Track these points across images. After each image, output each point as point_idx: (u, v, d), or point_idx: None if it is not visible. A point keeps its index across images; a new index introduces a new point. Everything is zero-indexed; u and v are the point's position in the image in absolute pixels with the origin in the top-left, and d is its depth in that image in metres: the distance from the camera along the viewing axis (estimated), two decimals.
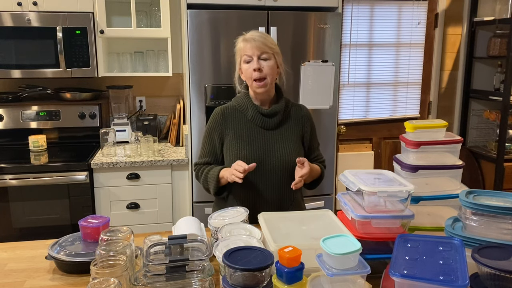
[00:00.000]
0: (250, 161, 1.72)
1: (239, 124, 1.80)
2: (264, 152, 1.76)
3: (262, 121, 1.78)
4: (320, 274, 1.10)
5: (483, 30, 3.50)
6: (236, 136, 1.78)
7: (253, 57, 1.71)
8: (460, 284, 0.95)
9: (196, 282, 1.08)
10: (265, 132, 1.78)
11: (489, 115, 3.48)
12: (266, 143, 1.77)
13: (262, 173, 1.75)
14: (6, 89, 3.10)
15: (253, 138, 1.77)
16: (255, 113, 1.78)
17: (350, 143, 3.51)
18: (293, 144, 1.79)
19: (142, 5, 3.03)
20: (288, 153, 1.76)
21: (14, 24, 2.71)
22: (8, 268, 1.37)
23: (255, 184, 1.76)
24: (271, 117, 1.78)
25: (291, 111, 1.85)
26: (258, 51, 1.71)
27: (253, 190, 1.76)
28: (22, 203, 2.57)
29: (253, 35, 1.74)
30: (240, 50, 1.76)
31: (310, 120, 1.88)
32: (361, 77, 3.44)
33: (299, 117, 1.85)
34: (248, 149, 1.75)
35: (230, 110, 1.83)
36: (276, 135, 1.79)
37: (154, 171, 2.71)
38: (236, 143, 1.77)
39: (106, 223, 1.43)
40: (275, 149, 1.76)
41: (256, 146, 1.76)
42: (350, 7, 3.30)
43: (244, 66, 1.75)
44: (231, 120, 1.81)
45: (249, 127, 1.79)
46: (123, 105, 3.16)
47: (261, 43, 1.71)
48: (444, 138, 1.53)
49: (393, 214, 1.29)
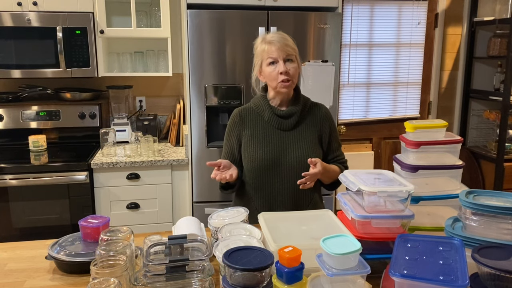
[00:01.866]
0: (265, 162, 1.75)
1: (256, 125, 1.81)
2: (280, 153, 1.77)
3: (278, 123, 1.79)
4: (320, 274, 1.10)
5: (483, 30, 3.50)
6: (252, 137, 1.79)
7: (279, 60, 1.70)
8: (460, 284, 0.95)
9: (196, 282, 1.08)
10: (281, 133, 1.79)
11: (489, 115, 3.48)
12: (282, 144, 1.78)
13: (278, 174, 1.76)
14: (6, 89, 3.10)
15: (269, 139, 1.78)
16: (271, 115, 1.79)
17: (350, 143, 3.51)
18: (309, 145, 1.79)
19: (142, 5, 3.03)
20: (304, 154, 1.76)
21: (14, 24, 2.71)
22: (8, 268, 1.37)
23: (271, 185, 1.77)
24: (287, 118, 1.79)
25: (309, 111, 1.85)
26: (283, 53, 1.70)
27: (269, 191, 1.78)
28: (22, 203, 2.57)
29: (275, 37, 1.73)
30: (263, 52, 1.74)
31: (329, 120, 1.87)
32: (361, 77, 3.44)
33: (317, 117, 1.85)
34: (263, 150, 1.76)
35: (247, 111, 1.84)
36: (292, 136, 1.79)
37: (154, 171, 2.71)
38: (252, 144, 1.79)
39: (106, 223, 1.43)
40: (291, 150, 1.77)
41: (272, 147, 1.77)
42: (350, 7, 3.30)
43: (267, 68, 1.73)
44: (248, 121, 1.82)
45: (265, 129, 1.80)
46: (123, 105, 3.16)
47: (285, 45, 1.71)
48: (444, 138, 1.52)
49: (393, 214, 1.29)
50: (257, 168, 1.77)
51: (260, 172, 1.77)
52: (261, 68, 1.77)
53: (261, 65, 1.76)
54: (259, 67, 1.78)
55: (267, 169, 1.76)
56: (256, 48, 1.79)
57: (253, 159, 1.77)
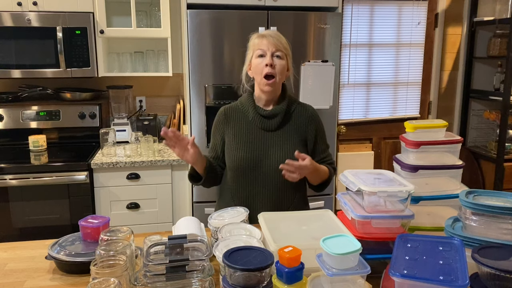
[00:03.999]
0: (247, 163, 1.73)
1: (240, 124, 1.79)
2: (262, 153, 1.75)
3: (262, 123, 1.77)
4: (320, 274, 1.10)
5: (483, 30, 3.50)
6: (235, 136, 1.78)
7: (267, 52, 1.70)
8: (460, 284, 0.95)
9: (196, 282, 1.08)
10: (265, 134, 1.77)
11: (489, 115, 3.48)
12: (264, 145, 1.76)
13: (260, 174, 1.75)
14: (6, 89, 3.10)
15: (252, 139, 1.76)
16: (255, 115, 1.77)
17: (350, 143, 3.51)
18: (293, 146, 1.77)
19: (142, 5, 3.03)
20: (286, 155, 1.73)
21: (14, 24, 2.71)
22: (8, 268, 1.37)
23: (252, 185, 1.75)
24: (271, 118, 1.77)
25: (295, 111, 1.82)
26: (273, 47, 1.70)
27: (251, 191, 1.76)
28: (22, 203, 2.57)
29: (269, 32, 1.74)
30: (254, 45, 1.74)
31: (315, 121, 1.84)
32: (361, 77, 3.44)
33: (303, 118, 1.82)
34: (245, 150, 1.74)
35: (233, 110, 1.83)
36: (276, 137, 1.77)
37: (154, 171, 2.71)
38: (234, 143, 1.77)
39: (106, 223, 1.43)
40: (274, 151, 1.75)
41: (254, 147, 1.75)
42: (350, 7, 3.30)
43: (255, 60, 1.72)
44: (232, 120, 1.81)
45: (249, 128, 1.78)
46: (123, 105, 3.16)
47: (277, 41, 1.71)
48: (444, 138, 1.52)
49: (393, 214, 1.29)
50: (238, 168, 1.75)
51: (241, 172, 1.75)
52: (251, 62, 1.76)
53: (251, 59, 1.75)
54: (249, 62, 1.77)
55: (249, 169, 1.74)
56: (249, 42, 1.79)
57: (234, 159, 1.75)
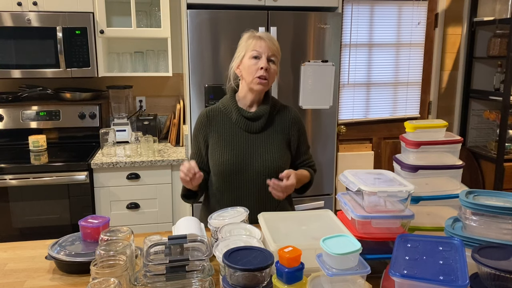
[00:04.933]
0: (231, 166, 1.71)
1: (223, 127, 1.77)
2: (247, 156, 1.72)
3: (246, 125, 1.75)
4: (320, 274, 1.10)
5: (483, 30, 3.50)
6: (219, 139, 1.75)
7: (263, 55, 1.68)
8: (460, 284, 0.95)
9: (196, 282, 1.08)
10: (249, 136, 1.75)
11: (489, 115, 3.48)
12: (249, 147, 1.74)
13: (245, 178, 1.72)
14: (6, 89, 3.10)
15: (236, 142, 1.74)
16: (239, 116, 1.75)
17: (350, 143, 3.51)
18: (277, 148, 1.75)
19: (142, 5, 3.03)
20: (271, 157, 1.72)
21: (14, 24, 2.71)
22: (8, 268, 1.37)
23: (237, 189, 1.73)
24: (255, 120, 1.75)
25: (278, 113, 1.81)
26: (269, 51, 1.69)
27: (235, 194, 1.74)
28: (22, 203, 2.57)
29: (265, 35, 1.72)
30: (250, 45, 1.71)
31: (298, 123, 1.83)
32: (361, 77, 3.44)
33: (285, 120, 1.81)
34: (230, 153, 1.72)
35: (215, 112, 1.80)
36: (260, 139, 1.75)
37: (154, 171, 2.71)
38: (218, 146, 1.74)
39: (106, 223, 1.43)
40: (258, 153, 1.73)
41: (239, 150, 1.73)
42: (350, 7, 3.30)
43: (249, 61, 1.70)
44: (215, 122, 1.78)
45: (232, 130, 1.75)
46: (123, 105, 3.16)
47: (273, 45, 1.71)
48: (444, 138, 1.52)
49: (393, 214, 1.29)
50: (223, 172, 1.72)
51: (226, 175, 1.72)
52: (241, 61, 1.74)
53: (243, 58, 1.73)
54: (239, 60, 1.75)
55: (233, 172, 1.72)
56: (241, 41, 1.76)
57: (219, 163, 1.72)
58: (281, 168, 1.70)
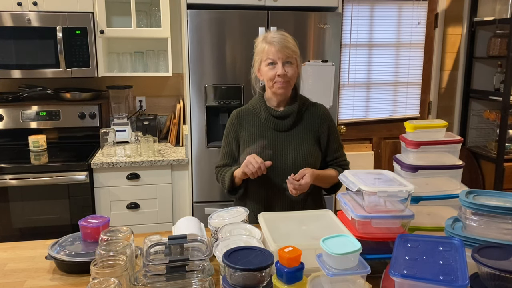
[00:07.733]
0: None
1: (253, 126, 1.80)
2: (276, 154, 1.76)
3: (275, 124, 1.78)
4: (320, 274, 1.10)
5: (483, 30, 3.50)
6: (249, 138, 1.79)
7: (278, 62, 1.68)
8: (460, 284, 0.95)
9: (196, 282, 1.08)
10: (278, 134, 1.78)
11: (489, 115, 3.48)
12: (278, 146, 1.77)
13: (275, 176, 1.75)
14: (6, 89, 3.10)
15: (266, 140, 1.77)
16: (268, 116, 1.78)
17: (350, 143, 3.51)
18: (306, 145, 1.78)
19: (142, 5, 3.03)
20: (301, 154, 1.75)
21: (14, 24, 2.71)
22: (8, 268, 1.37)
23: (268, 187, 1.77)
24: (283, 119, 1.78)
25: (307, 111, 1.83)
26: (283, 56, 1.68)
27: (266, 193, 1.78)
28: (22, 203, 2.57)
29: (276, 37, 1.70)
30: (262, 52, 1.72)
31: (327, 120, 1.84)
32: (361, 77, 3.44)
33: (315, 117, 1.82)
34: (260, 152, 1.75)
35: (245, 112, 1.84)
36: (289, 137, 1.78)
37: (154, 171, 2.71)
38: (248, 146, 1.78)
39: (106, 223, 1.43)
40: (288, 151, 1.76)
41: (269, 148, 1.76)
42: (350, 7, 3.30)
43: (265, 68, 1.72)
44: (245, 122, 1.82)
45: (262, 130, 1.79)
46: (123, 105, 3.16)
47: (285, 47, 1.68)
48: (444, 138, 1.52)
49: (393, 214, 1.29)
50: None
51: None
52: (260, 67, 1.76)
53: (260, 64, 1.75)
54: (258, 65, 1.77)
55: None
56: (257, 46, 1.77)
57: None
58: (311, 165, 1.73)
